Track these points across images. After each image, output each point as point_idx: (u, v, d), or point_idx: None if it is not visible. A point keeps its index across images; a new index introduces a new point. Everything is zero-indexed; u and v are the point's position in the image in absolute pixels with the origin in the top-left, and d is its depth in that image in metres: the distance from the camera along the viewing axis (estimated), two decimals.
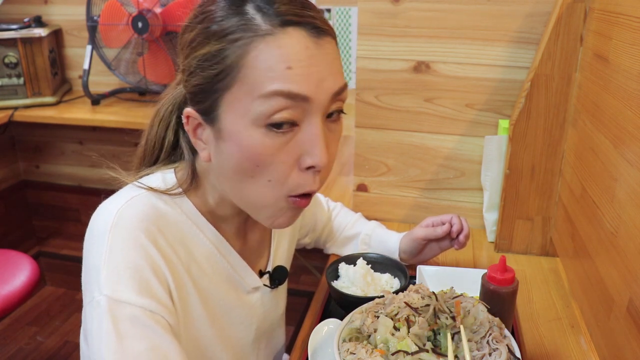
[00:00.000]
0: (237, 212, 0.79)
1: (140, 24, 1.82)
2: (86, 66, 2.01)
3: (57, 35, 2.23)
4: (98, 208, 0.71)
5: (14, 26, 2.03)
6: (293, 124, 0.63)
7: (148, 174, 0.77)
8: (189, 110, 0.68)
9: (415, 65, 1.26)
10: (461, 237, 1.04)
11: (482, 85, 1.24)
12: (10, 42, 1.98)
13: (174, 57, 1.90)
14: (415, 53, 1.25)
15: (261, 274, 0.88)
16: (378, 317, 0.76)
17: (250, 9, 0.63)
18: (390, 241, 1.11)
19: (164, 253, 0.69)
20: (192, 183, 0.75)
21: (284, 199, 0.67)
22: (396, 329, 0.75)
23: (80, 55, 2.21)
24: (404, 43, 1.25)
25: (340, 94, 0.66)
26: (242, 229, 0.83)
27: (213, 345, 0.79)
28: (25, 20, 2.07)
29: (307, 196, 0.68)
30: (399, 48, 1.26)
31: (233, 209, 0.77)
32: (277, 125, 0.62)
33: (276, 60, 0.61)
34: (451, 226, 1.04)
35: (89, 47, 2.00)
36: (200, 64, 0.64)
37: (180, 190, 0.74)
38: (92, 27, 1.96)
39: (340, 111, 0.68)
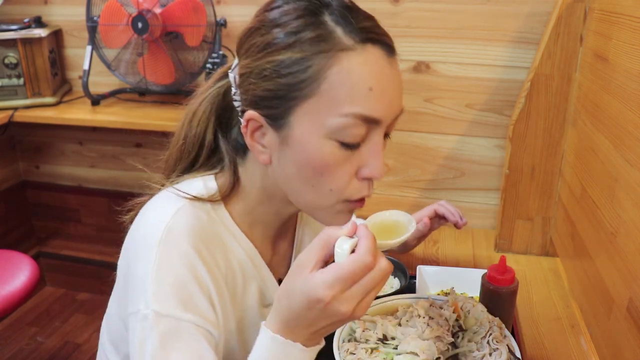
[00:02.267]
0: (280, 213, 0.78)
1: (140, 25, 1.82)
2: (86, 66, 2.00)
3: (57, 35, 2.22)
4: (143, 216, 0.71)
5: (14, 27, 2.02)
6: (361, 140, 0.65)
7: (187, 179, 0.75)
8: (252, 113, 0.66)
9: (415, 65, 1.26)
10: (457, 221, 1.04)
11: (482, 85, 1.24)
12: (10, 43, 1.98)
13: (173, 57, 1.90)
14: (415, 53, 1.25)
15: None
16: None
17: (328, 21, 0.63)
18: None
19: (208, 267, 0.69)
20: (233, 190, 0.75)
21: (341, 202, 0.69)
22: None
23: (80, 56, 2.20)
24: (404, 43, 1.25)
25: (399, 116, 0.68)
26: (276, 235, 0.82)
27: (236, 357, 0.78)
28: (25, 20, 2.07)
29: (362, 200, 0.70)
30: (398, 48, 1.24)
31: (277, 209, 0.77)
32: (349, 144, 0.64)
33: (358, 78, 0.62)
34: (430, 219, 1.03)
35: (89, 48, 2.00)
36: (277, 69, 0.63)
37: (219, 197, 0.73)
38: (92, 28, 1.96)
39: (388, 134, 0.69)
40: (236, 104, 0.71)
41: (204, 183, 0.74)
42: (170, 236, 0.67)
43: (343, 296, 0.56)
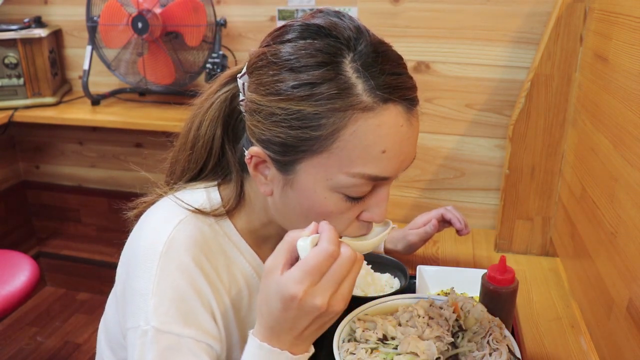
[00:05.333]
0: (281, 234, 0.75)
1: (140, 25, 1.82)
2: (86, 66, 2.01)
3: (57, 35, 2.22)
4: (144, 226, 0.70)
5: (14, 27, 2.03)
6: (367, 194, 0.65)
7: (190, 188, 0.73)
8: (257, 150, 0.64)
9: (415, 65, 1.26)
10: (462, 229, 1.07)
11: (482, 85, 1.24)
12: (10, 43, 1.98)
13: (173, 57, 1.90)
14: (415, 53, 1.25)
15: None
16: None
17: (349, 71, 0.59)
18: None
19: (210, 280, 0.68)
20: (239, 204, 0.73)
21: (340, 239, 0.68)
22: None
23: (80, 56, 2.21)
24: (404, 43, 1.25)
25: (410, 165, 0.67)
26: None
27: None
28: (25, 20, 2.07)
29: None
30: (399, 48, 1.24)
31: (278, 230, 0.75)
32: (355, 198, 0.63)
33: (373, 140, 0.59)
34: (438, 222, 1.07)
35: (89, 48, 2.00)
36: (288, 120, 0.60)
37: (224, 211, 0.72)
38: (92, 28, 1.96)
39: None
40: (243, 109, 0.68)
41: (207, 194, 0.72)
42: (171, 249, 0.66)
43: (314, 289, 0.56)
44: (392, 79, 0.60)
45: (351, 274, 0.58)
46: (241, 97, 0.68)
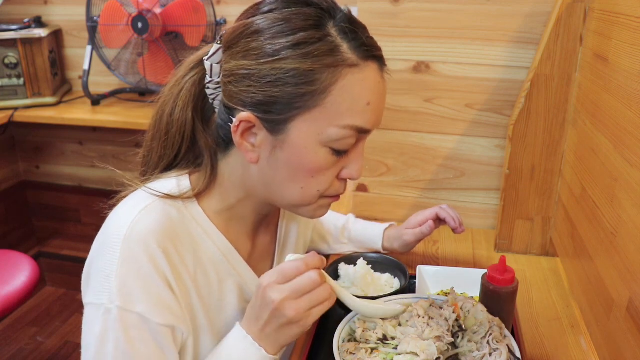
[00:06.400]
0: (258, 211, 0.80)
1: (140, 25, 1.82)
2: (86, 66, 2.01)
3: (57, 35, 2.23)
4: (114, 211, 0.73)
5: (14, 27, 2.03)
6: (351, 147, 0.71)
7: (162, 178, 0.75)
8: (247, 115, 0.67)
9: (415, 65, 1.26)
10: (457, 227, 1.07)
11: (482, 85, 1.24)
12: (10, 43, 1.98)
13: (173, 57, 1.90)
14: (415, 53, 1.25)
15: None
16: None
17: (334, 33, 0.66)
18: (374, 230, 1.14)
19: (172, 264, 0.70)
20: (210, 186, 0.76)
21: (322, 198, 0.75)
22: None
23: (80, 56, 2.21)
24: (404, 43, 1.25)
25: None
26: (255, 230, 0.83)
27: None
28: (25, 20, 2.07)
29: (338, 196, 0.77)
30: (399, 48, 1.25)
31: (255, 207, 0.79)
32: (340, 151, 0.70)
33: (359, 94, 0.67)
34: (434, 222, 1.08)
35: (89, 48, 2.00)
36: (284, 78, 0.65)
37: (192, 194, 0.74)
38: (92, 28, 1.96)
39: None
40: (209, 92, 0.72)
41: (177, 182, 0.75)
42: (135, 232, 0.68)
43: (276, 287, 0.67)
44: (368, 40, 0.68)
45: (312, 294, 0.67)
46: (208, 78, 0.71)
